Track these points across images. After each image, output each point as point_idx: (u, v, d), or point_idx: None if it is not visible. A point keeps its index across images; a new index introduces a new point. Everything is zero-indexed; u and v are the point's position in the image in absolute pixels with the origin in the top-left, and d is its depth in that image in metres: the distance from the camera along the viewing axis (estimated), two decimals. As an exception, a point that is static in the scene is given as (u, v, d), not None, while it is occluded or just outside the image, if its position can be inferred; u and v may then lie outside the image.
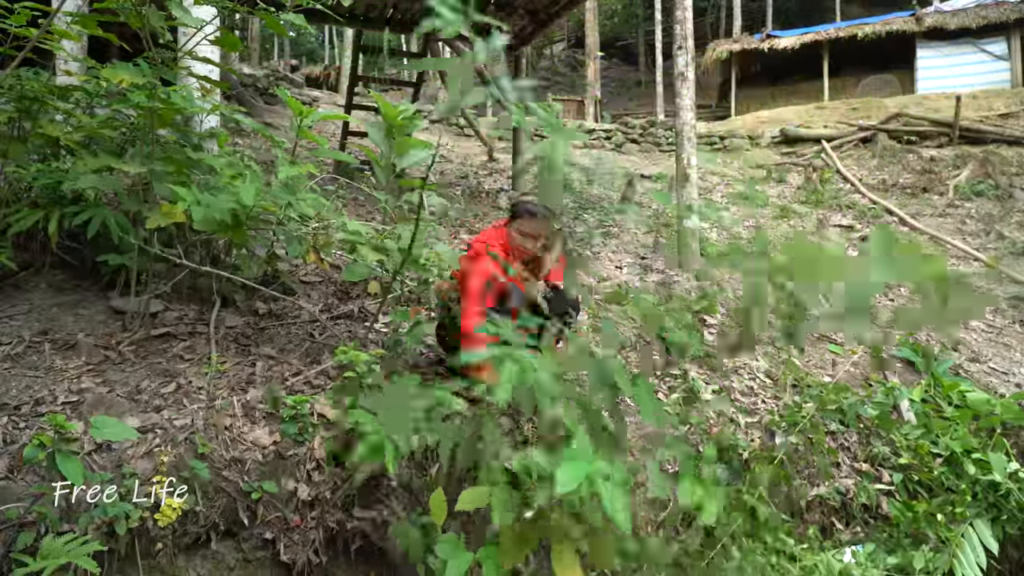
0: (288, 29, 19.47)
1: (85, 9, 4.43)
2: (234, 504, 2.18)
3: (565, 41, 31.31)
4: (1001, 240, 8.14)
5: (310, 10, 2.98)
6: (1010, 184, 9.80)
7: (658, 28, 20.33)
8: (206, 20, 2.68)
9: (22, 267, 3.07)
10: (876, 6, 25.35)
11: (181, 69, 3.13)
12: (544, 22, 7.26)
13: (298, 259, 3.86)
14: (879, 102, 15.11)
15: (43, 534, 1.89)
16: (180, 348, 2.84)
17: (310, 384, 2.74)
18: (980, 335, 5.14)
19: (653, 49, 23.20)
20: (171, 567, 2.07)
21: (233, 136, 7.44)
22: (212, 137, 3.37)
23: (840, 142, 12.38)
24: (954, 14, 16.38)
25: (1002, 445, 3.33)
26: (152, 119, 2.73)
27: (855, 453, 3.37)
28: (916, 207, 9.59)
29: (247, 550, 2.18)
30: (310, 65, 27.46)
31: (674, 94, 5.94)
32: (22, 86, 2.84)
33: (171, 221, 2.61)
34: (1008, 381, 4.29)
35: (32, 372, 2.51)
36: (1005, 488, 3.01)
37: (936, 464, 3.23)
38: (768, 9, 24.32)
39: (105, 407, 2.34)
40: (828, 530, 3.05)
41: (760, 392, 3.65)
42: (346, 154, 3.81)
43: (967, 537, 2.91)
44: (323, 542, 2.22)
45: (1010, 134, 11.29)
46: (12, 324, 2.79)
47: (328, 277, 3.92)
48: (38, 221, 2.83)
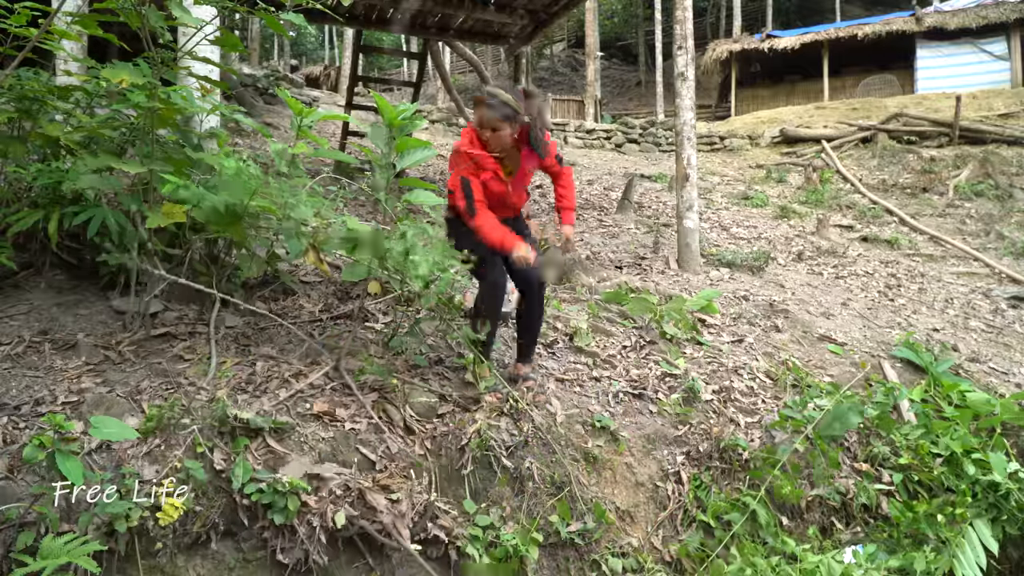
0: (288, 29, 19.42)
1: (85, 9, 4.43)
2: (233, 504, 2.18)
3: (565, 41, 31.32)
4: (1001, 240, 8.13)
5: (310, 10, 2.98)
6: (1010, 184, 9.80)
7: (658, 28, 20.34)
8: (206, 20, 2.68)
9: (22, 267, 3.07)
10: (876, 6, 25.37)
11: (181, 69, 3.13)
12: (544, 22, 7.26)
13: (299, 259, 3.86)
14: (879, 102, 15.13)
15: (43, 534, 1.89)
16: (180, 348, 2.84)
17: (310, 384, 2.74)
18: (980, 335, 5.14)
19: (653, 49, 23.21)
20: (171, 567, 2.07)
21: (233, 136, 7.45)
22: (212, 137, 3.37)
23: (840, 142, 12.39)
24: (954, 14, 16.39)
25: (1002, 445, 3.33)
26: (152, 119, 2.73)
27: (855, 453, 3.37)
28: (916, 207, 9.60)
29: (247, 550, 2.18)
30: (310, 65, 27.48)
31: (674, 94, 5.94)
32: (22, 86, 2.84)
33: (171, 221, 2.61)
34: (1008, 381, 4.29)
35: (32, 372, 2.51)
36: (1005, 488, 3.01)
37: (936, 464, 3.23)
38: (768, 9, 24.32)
39: (105, 407, 2.34)
40: (828, 530, 3.05)
41: (760, 392, 3.65)
42: (346, 154, 3.81)
43: (967, 537, 2.91)
44: (323, 542, 2.22)
45: (1010, 134, 11.30)
46: (12, 324, 2.79)
47: (328, 277, 3.92)
48: (38, 221, 2.83)
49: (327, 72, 20.94)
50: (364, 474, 2.42)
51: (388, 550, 2.31)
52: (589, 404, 3.17)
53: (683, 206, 5.76)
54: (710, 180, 10.80)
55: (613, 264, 5.70)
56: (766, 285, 5.58)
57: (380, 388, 2.81)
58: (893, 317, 5.23)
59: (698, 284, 5.30)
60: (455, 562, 2.38)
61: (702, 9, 27.61)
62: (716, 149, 13.70)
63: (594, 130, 14.49)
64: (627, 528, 2.78)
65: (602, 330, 3.94)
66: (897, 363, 4.22)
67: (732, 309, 4.72)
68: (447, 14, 6.82)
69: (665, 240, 6.43)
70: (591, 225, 7.11)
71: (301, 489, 2.21)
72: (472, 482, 2.63)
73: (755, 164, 12.23)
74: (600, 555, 2.63)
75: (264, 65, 18.62)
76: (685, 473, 3.00)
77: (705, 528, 2.86)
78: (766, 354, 4.08)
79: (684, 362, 3.72)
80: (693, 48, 5.86)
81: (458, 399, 2.90)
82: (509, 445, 2.73)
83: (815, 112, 15.26)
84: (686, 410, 3.28)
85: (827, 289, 5.83)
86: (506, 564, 2.42)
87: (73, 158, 2.99)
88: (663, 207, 8.44)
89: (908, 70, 17.18)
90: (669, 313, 4.10)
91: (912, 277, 6.63)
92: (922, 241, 8.23)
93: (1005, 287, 6.54)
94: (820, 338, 4.48)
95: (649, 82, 24.74)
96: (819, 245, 7.44)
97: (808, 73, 18.80)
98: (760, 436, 3.28)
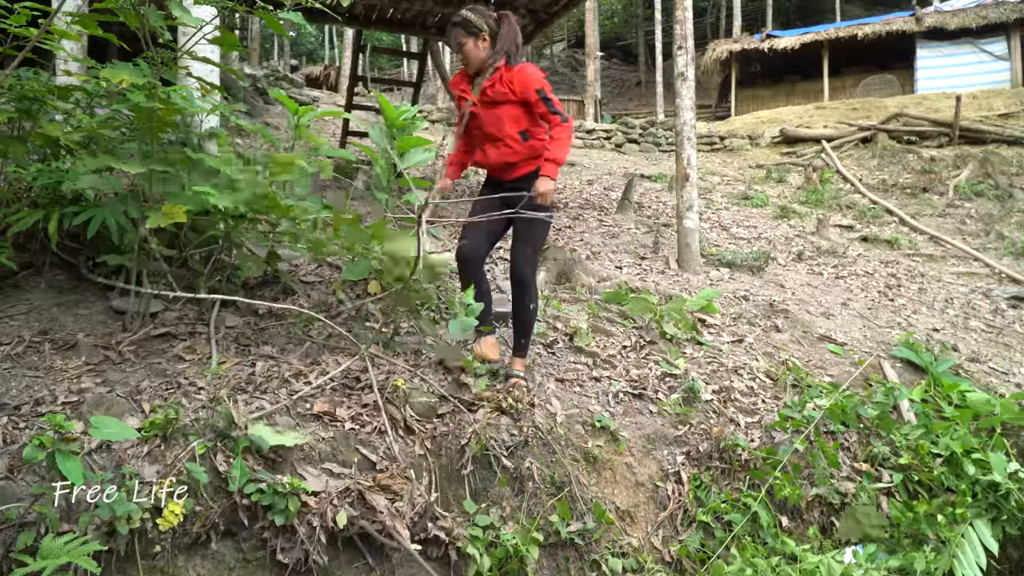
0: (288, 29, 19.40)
1: (85, 9, 4.43)
2: (233, 504, 2.18)
3: (565, 41, 31.33)
4: (1001, 240, 8.13)
5: (310, 9, 2.98)
6: (1010, 184, 9.80)
7: (658, 28, 20.34)
8: (206, 20, 2.68)
9: (22, 267, 3.07)
10: (876, 6, 25.38)
11: (180, 69, 3.13)
12: (544, 22, 7.26)
13: (299, 259, 3.86)
14: (879, 102, 15.13)
15: (43, 534, 1.88)
16: (180, 348, 2.84)
17: (310, 384, 2.74)
18: (980, 335, 5.14)
19: (653, 49, 23.21)
20: (171, 567, 2.07)
21: (233, 136, 7.44)
22: (212, 137, 3.37)
23: (840, 142, 12.39)
24: (954, 14, 16.39)
25: (1002, 445, 3.33)
26: (151, 119, 2.73)
27: (855, 453, 3.37)
28: (916, 207, 9.59)
29: (247, 550, 2.18)
30: (310, 65, 27.48)
31: (674, 94, 5.94)
32: (22, 86, 2.84)
33: (171, 221, 2.61)
34: (1008, 381, 4.29)
35: (32, 372, 2.51)
36: (1005, 488, 3.01)
37: (936, 464, 3.23)
38: (768, 9, 24.32)
39: (105, 407, 2.34)
40: (828, 530, 3.05)
41: (760, 392, 3.65)
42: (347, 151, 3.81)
43: (967, 537, 2.91)
44: (323, 542, 2.22)
45: (1010, 134, 11.30)
46: (12, 324, 2.79)
47: (328, 277, 3.92)
48: (38, 221, 2.83)
49: (327, 72, 20.96)
50: (364, 474, 2.42)
51: (388, 550, 2.31)
52: (589, 404, 3.17)
53: (683, 206, 5.76)
54: (710, 180, 10.80)
55: (613, 264, 5.69)
56: (766, 285, 5.58)
57: (381, 388, 2.81)
58: (893, 317, 5.23)
59: (698, 284, 5.30)
60: (455, 562, 2.38)
61: (702, 9, 27.61)
62: (716, 149, 13.70)
63: (594, 130, 14.49)
64: (627, 528, 2.78)
65: (602, 330, 3.94)
66: (897, 363, 4.22)
67: (732, 309, 4.72)
68: (447, 14, 6.82)
69: (665, 240, 6.43)
70: (591, 225, 7.11)
71: (301, 490, 2.21)
72: (472, 482, 2.63)
73: (755, 164, 12.23)
74: (600, 555, 2.63)
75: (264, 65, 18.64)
76: (685, 473, 3.00)
77: (705, 528, 2.86)
78: (766, 354, 4.08)
79: (684, 362, 3.72)
80: (693, 48, 5.86)
81: (459, 399, 2.89)
82: (509, 445, 2.73)
83: (815, 112, 15.26)
84: (686, 410, 3.28)
85: (827, 289, 5.83)
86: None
87: (73, 158, 2.99)
88: (663, 207, 8.44)
89: (908, 70, 17.18)
90: (669, 313, 4.09)
91: (912, 277, 6.63)
92: (922, 241, 8.22)
93: (1005, 287, 6.53)
94: (820, 338, 4.48)
95: (649, 82, 24.74)
96: (819, 245, 7.44)
97: (808, 73, 18.80)
98: (760, 436, 3.28)
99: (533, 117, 2.95)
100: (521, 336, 3.09)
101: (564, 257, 5.02)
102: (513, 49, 2.92)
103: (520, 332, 3.09)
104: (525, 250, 2.99)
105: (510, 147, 2.95)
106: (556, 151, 2.88)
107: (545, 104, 2.88)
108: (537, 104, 2.89)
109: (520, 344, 3.11)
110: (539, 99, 2.87)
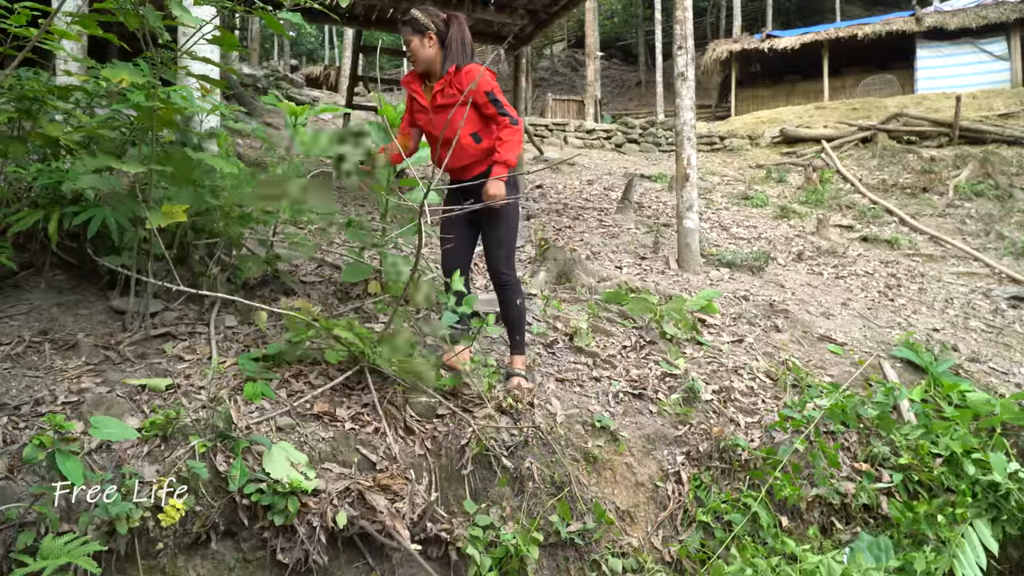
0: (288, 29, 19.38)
1: (85, 9, 4.43)
2: (233, 504, 2.18)
3: (565, 41, 31.32)
4: (1001, 240, 8.13)
5: (309, 10, 2.98)
6: (1010, 184, 9.80)
7: (658, 28, 20.34)
8: (206, 20, 2.68)
9: (22, 267, 3.07)
10: (876, 6, 25.38)
11: (180, 69, 3.12)
12: (544, 22, 7.26)
13: (299, 259, 3.86)
14: (879, 102, 15.13)
15: (43, 534, 1.88)
16: (180, 348, 2.84)
17: (310, 384, 2.74)
18: (980, 335, 5.14)
19: (653, 49, 23.21)
20: (171, 567, 2.07)
21: (233, 136, 7.44)
22: (212, 137, 3.37)
23: (840, 142, 12.39)
24: (954, 14, 16.39)
25: (1002, 445, 3.33)
26: (151, 119, 2.73)
27: (855, 453, 3.37)
28: (916, 207, 9.59)
29: (247, 550, 2.18)
30: (310, 65, 27.48)
31: (674, 94, 5.94)
32: (22, 86, 2.84)
33: (171, 221, 2.61)
34: (1008, 381, 4.29)
35: (32, 372, 2.51)
36: (1005, 488, 3.01)
37: (936, 464, 3.23)
38: (768, 9, 24.32)
39: (105, 407, 2.34)
40: (828, 530, 3.05)
41: (760, 392, 3.65)
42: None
43: (967, 537, 2.91)
44: (323, 542, 2.22)
45: (1010, 134, 11.29)
46: (12, 324, 2.79)
47: (328, 277, 3.92)
48: (38, 221, 2.83)
49: (327, 72, 20.95)
50: (364, 474, 2.42)
51: (388, 550, 2.31)
52: (589, 404, 3.17)
53: (683, 206, 5.76)
54: (710, 180, 10.80)
55: (613, 264, 5.69)
56: (766, 285, 5.58)
57: (380, 388, 2.81)
58: (893, 317, 5.23)
59: (698, 284, 5.30)
60: (455, 562, 2.38)
61: (702, 9, 27.61)
62: (716, 149, 13.70)
63: (594, 130, 14.49)
64: (627, 528, 2.78)
65: (602, 330, 3.94)
66: (897, 363, 4.22)
67: (732, 309, 4.72)
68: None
69: (665, 240, 6.43)
70: (591, 225, 7.11)
71: (301, 490, 2.21)
72: (472, 482, 2.63)
73: (755, 164, 12.23)
74: (600, 555, 2.63)
75: (264, 65, 18.64)
76: (685, 473, 3.00)
77: (705, 528, 2.86)
78: (766, 354, 4.08)
79: (684, 362, 3.72)
80: (693, 48, 5.86)
81: (459, 399, 2.89)
82: (509, 445, 2.73)
83: (815, 112, 15.26)
84: (686, 410, 3.28)
85: (827, 289, 5.83)
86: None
87: (73, 158, 2.99)
88: (663, 207, 8.44)
89: (908, 70, 17.18)
90: (669, 313, 4.09)
91: (912, 277, 6.63)
92: (922, 241, 8.22)
93: (1005, 287, 6.53)
94: (820, 338, 4.48)
95: (649, 82, 24.74)
96: (819, 245, 7.44)
97: (808, 73, 18.80)
98: (760, 436, 3.28)
99: (485, 119, 2.94)
100: (515, 333, 3.13)
101: (564, 257, 5.02)
102: (461, 50, 2.90)
103: (513, 330, 3.12)
104: (497, 253, 3.02)
105: (463, 149, 2.94)
106: (505, 153, 2.87)
107: (495, 106, 2.87)
108: (486, 106, 2.88)
109: (516, 341, 3.13)
110: (488, 101, 2.87)
